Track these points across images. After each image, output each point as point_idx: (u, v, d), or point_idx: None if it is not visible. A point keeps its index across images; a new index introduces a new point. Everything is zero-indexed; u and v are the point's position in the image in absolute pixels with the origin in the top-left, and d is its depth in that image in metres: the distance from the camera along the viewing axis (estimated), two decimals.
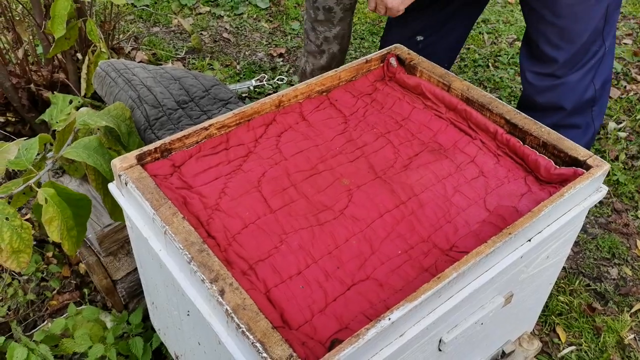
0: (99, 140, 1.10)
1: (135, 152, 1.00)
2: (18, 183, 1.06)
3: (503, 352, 1.26)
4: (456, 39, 1.65)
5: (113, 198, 1.13)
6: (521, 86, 1.58)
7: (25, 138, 1.13)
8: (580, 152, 1.03)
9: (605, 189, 1.06)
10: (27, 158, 1.06)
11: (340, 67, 1.27)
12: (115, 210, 1.17)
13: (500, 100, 1.15)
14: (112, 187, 1.03)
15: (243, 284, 0.80)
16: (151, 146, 1.02)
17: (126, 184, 0.96)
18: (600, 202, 1.92)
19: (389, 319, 0.76)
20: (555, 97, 1.44)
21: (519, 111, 1.13)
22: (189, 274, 0.85)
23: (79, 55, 1.93)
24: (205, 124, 1.09)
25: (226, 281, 0.79)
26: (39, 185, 1.04)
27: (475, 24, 2.99)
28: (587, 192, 1.03)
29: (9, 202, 1.01)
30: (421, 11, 1.52)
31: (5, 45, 1.93)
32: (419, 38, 1.55)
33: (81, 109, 1.17)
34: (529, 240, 0.95)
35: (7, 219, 0.98)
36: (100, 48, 1.52)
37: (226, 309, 0.76)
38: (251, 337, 0.73)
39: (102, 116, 1.15)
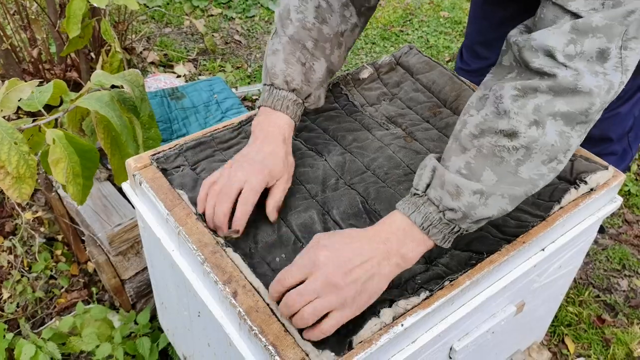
0: (111, 95, 1.09)
1: (150, 152, 1.00)
2: (28, 121, 1.06)
3: None
4: None
5: (120, 158, 1.13)
6: None
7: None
8: (596, 160, 1.02)
9: (619, 200, 1.05)
10: (40, 100, 1.06)
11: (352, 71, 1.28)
12: (120, 173, 1.16)
13: None
14: (125, 186, 1.03)
15: None
16: (165, 146, 1.02)
17: (140, 183, 0.96)
18: (612, 213, 1.91)
19: (402, 325, 0.76)
20: (606, 128, 1.36)
21: None
22: (202, 275, 0.85)
23: (92, 55, 1.94)
24: (219, 125, 1.09)
25: (239, 283, 0.79)
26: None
27: None
28: (601, 203, 1.02)
29: None
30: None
31: (20, 43, 1.95)
32: None
33: (97, 71, 1.18)
34: (543, 250, 0.95)
35: (15, 143, 0.98)
36: (114, 48, 1.52)
37: (239, 310, 0.76)
38: (264, 339, 0.72)
39: (118, 77, 1.15)
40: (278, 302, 0.76)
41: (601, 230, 1.88)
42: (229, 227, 0.87)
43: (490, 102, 0.76)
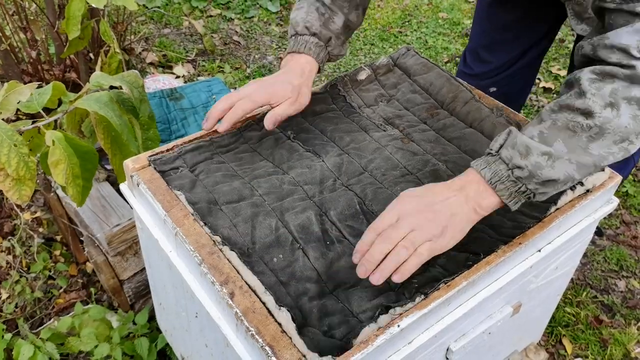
0: (110, 96, 1.09)
1: (148, 153, 1.01)
2: (27, 123, 1.07)
3: None
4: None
5: (121, 158, 1.13)
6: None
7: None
8: None
9: (616, 201, 1.06)
10: (39, 102, 1.06)
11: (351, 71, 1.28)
12: (121, 172, 1.16)
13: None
14: (123, 187, 1.03)
15: None
16: (163, 147, 1.03)
17: (138, 185, 0.96)
18: (609, 214, 1.91)
19: (398, 325, 0.76)
20: None
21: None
22: (199, 276, 0.85)
23: (91, 56, 1.94)
24: (218, 126, 1.09)
25: (236, 284, 0.79)
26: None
27: None
28: (598, 204, 1.03)
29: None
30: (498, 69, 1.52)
31: (19, 44, 1.95)
32: (492, 89, 1.55)
33: (96, 72, 1.18)
34: (539, 251, 0.95)
35: (15, 145, 0.98)
36: (113, 48, 1.53)
37: (236, 311, 0.76)
38: (260, 340, 0.73)
39: (117, 78, 1.15)
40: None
41: (599, 233, 1.88)
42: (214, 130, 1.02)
43: (574, 86, 0.83)
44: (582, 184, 0.97)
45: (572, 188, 0.96)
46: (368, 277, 0.79)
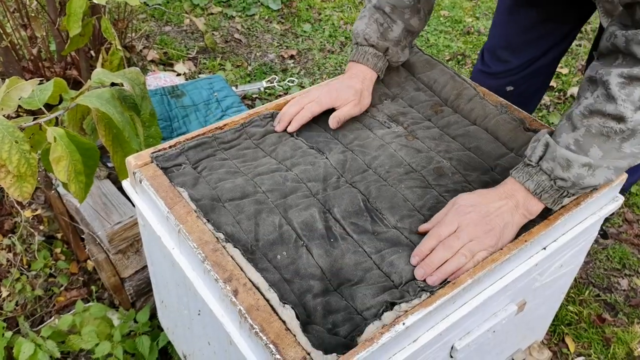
0: (112, 93, 1.09)
1: (150, 150, 1.00)
2: (28, 119, 1.06)
3: None
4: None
5: (122, 155, 1.13)
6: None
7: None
8: None
9: (621, 199, 1.05)
10: (40, 98, 1.06)
11: None
12: (123, 170, 1.16)
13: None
14: (126, 184, 1.03)
15: None
16: (166, 144, 1.02)
17: (140, 181, 0.95)
18: (612, 212, 1.91)
19: (403, 323, 0.75)
20: None
21: (535, 118, 1.13)
22: (202, 273, 0.84)
23: (92, 53, 1.93)
24: (220, 123, 1.09)
25: (240, 281, 0.79)
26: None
27: (488, 30, 2.99)
28: (603, 201, 1.02)
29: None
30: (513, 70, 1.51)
31: (19, 41, 1.94)
32: (509, 88, 1.54)
33: (97, 69, 1.17)
34: (544, 248, 0.94)
35: (16, 142, 0.97)
36: (114, 46, 1.52)
37: (240, 309, 0.76)
38: (265, 338, 0.72)
39: (118, 75, 1.14)
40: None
41: (604, 236, 1.86)
42: (286, 129, 1.10)
43: (600, 86, 0.85)
44: None
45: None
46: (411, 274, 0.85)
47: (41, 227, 1.77)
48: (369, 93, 1.16)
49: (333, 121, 1.11)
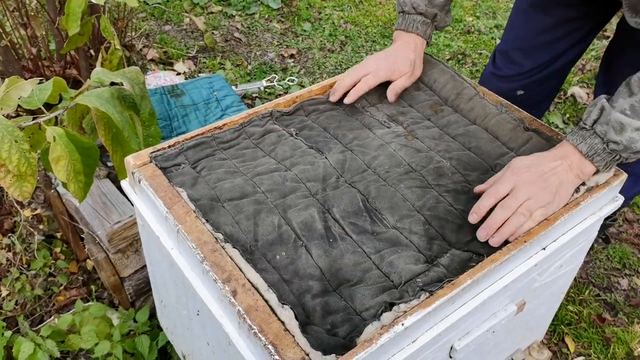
0: (111, 92, 1.09)
1: (149, 150, 1.00)
2: (27, 119, 1.06)
3: None
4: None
5: (122, 154, 1.13)
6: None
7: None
8: None
9: (621, 199, 1.05)
10: (40, 98, 1.06)
11: None
12: (122, 169, 1.16)
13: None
14: (125, 184, 1.02)
15: None
16: (165, 144, 1.02)
17: (139, 181, 0.95)
18: (615, 218, 1.90)
19: (402, 324, 0.75)
20: None
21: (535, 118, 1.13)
22: (201, 274, 0.84)
23: (92, 52, 1.93)
24: (219, 123, 1.09)
25: (239, 281, 0.79)
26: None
27: (489, 29, 2.98)
28: (603, 201, 1.02)
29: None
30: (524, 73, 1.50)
31: (19, 40, 1.94)
32: (520, 92, 1.52)
33: (97, 68, 1.17)
34: (544, 249, 0.94)
35: (16, 141, 0.97)
36: (114, 45, 1.52)
37: (238, 309, 0.75)
38: (263, 338, 0.72)
39: (118, 75, 1.14)
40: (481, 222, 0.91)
41: (606, 240, 1.85)
42: (342, 99, 1.15)
43: None
44: (584, 184, 0.97)
45: (577, 190, 0.96)
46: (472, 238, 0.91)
47: (41, 227, 1.77)
48: (420, 62, 1.20)
49: (392, 94, 1.16)
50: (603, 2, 1.29)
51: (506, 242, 0.88)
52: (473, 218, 0.92)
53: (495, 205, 0.91)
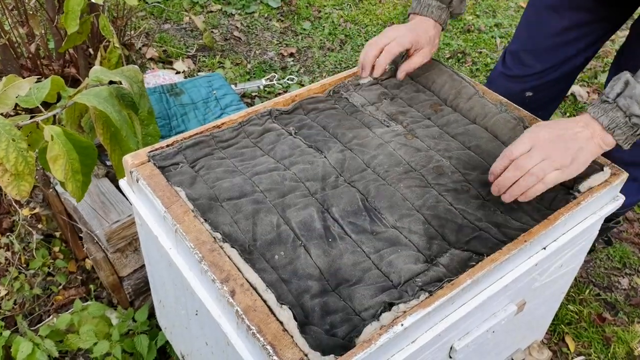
0: (109, 91, 1.08)
1: (148, 149, 0.99)
2: (25, 118, 1.05)
3: None
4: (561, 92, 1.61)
5: (120, 153, 1.12)
6: None
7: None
8: (598, 157, 1.02)
9: (622, 198, 1.04)
10: (37, 97, 1.05)
11: (354, 68, 1.26)
12: (120, 168, 1.15)
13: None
14: (123, 183, 1.02)
15: None
16: (163, 143, 1.01)
17: (137, 180, 0.95)
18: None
19: (402, 324, 0.75)
20: (638, 153, 1.32)
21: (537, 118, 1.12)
22: (199, 274, 0.84)
23: (91, 51, 1.93)
24: (218, 122, 1.08)
25: (237, 281, 0.78)
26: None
27: (489, 28, 2.98)
28: (604, 201, 1.01)
29: None
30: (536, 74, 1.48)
31: (18, 39, 1.93)
32: (528, 94, 1.51)
33: (95, 66, 1.16)
34: (544, 248, 0.94)
35: (13, 140, 0.97)
36: (113, 44, 1.51)
37: (237, 309, 0.75)
38: (262, 339, 0.72)
39: (116, 73, 1.13)
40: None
41: (608, 242, 1.84)
42: (372, 73, 1.13)
43: None
44: (579, 191, 0.97)
45: (573, 197, 0.96)
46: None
47: (39, 226, 1.77)
48: (438, 42, 1.20)
49: (402, 73, 1.16)
50: (621, 4, 1.28)
51: (519, 205, 0.91)
52: (491, 178, 0.94)
53: None
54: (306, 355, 0.70)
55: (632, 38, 1.33)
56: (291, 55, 2.74)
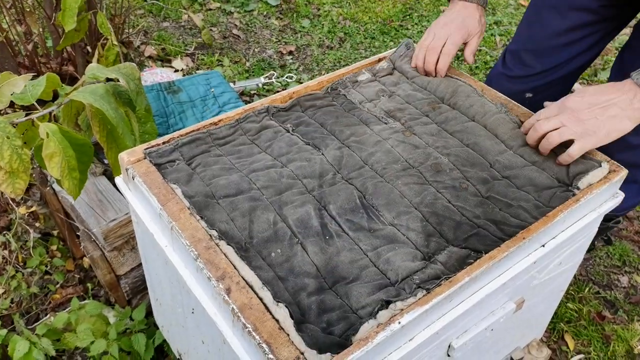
0: (106, 89, 1.07)
1: (144, 146, 0.99)
2: (20, 115, 1.05)
3: (511, 359, 1.24)
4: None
5: (117, 151, 1.11)
6: None
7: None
8: (597, 154, 1.01)
9: (621, 195, 1.04)
10: (33, 94, 1.05)
11: (352, 65, 1.26)
12: (117, 166, 1.15)
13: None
14: (119, 181, 1.01)
15: None
16: (159, 140, 1.01)
17: (133, 178, 0.94)
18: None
19: (399, 322, 0.74)
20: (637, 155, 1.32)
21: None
22: (195, 271, 0.83)
23: (89, 49, 1.92)
24: (215, 119, 1.07)
25: (233, 279, 0.78)
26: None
27: (488, 26, 2.97)
28: (603, 198, 1.01)
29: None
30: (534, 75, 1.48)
31: (15, 36, 1.93)
32: (528, 95, 1.49)
33: (91, 64, 1.16)
34: (543, 246, 0.93)
35: (7, 137, 0.96)
36: (110, 41, 1.50)
37: (232, 308, 0.74)
38: (257, 337, 0.71)
39: (113, 70, 1.13)
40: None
41: (608, 241, 1.84)
42: (435, 75, 1.20)
43: None
44: (578, 188, 0.96)
45: (572, 195, 0.95)
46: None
47: (37, 224, 1.76)
48: (484, 17, 1.24)
49: (471, 57, 1.21)
50: (624, 6, 1.27)
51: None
52: (523, 131, 1.03)
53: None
54: (302, 353, 0.70)
55: (636, 37, 1.32)
56: (290, 53, 2.73)
